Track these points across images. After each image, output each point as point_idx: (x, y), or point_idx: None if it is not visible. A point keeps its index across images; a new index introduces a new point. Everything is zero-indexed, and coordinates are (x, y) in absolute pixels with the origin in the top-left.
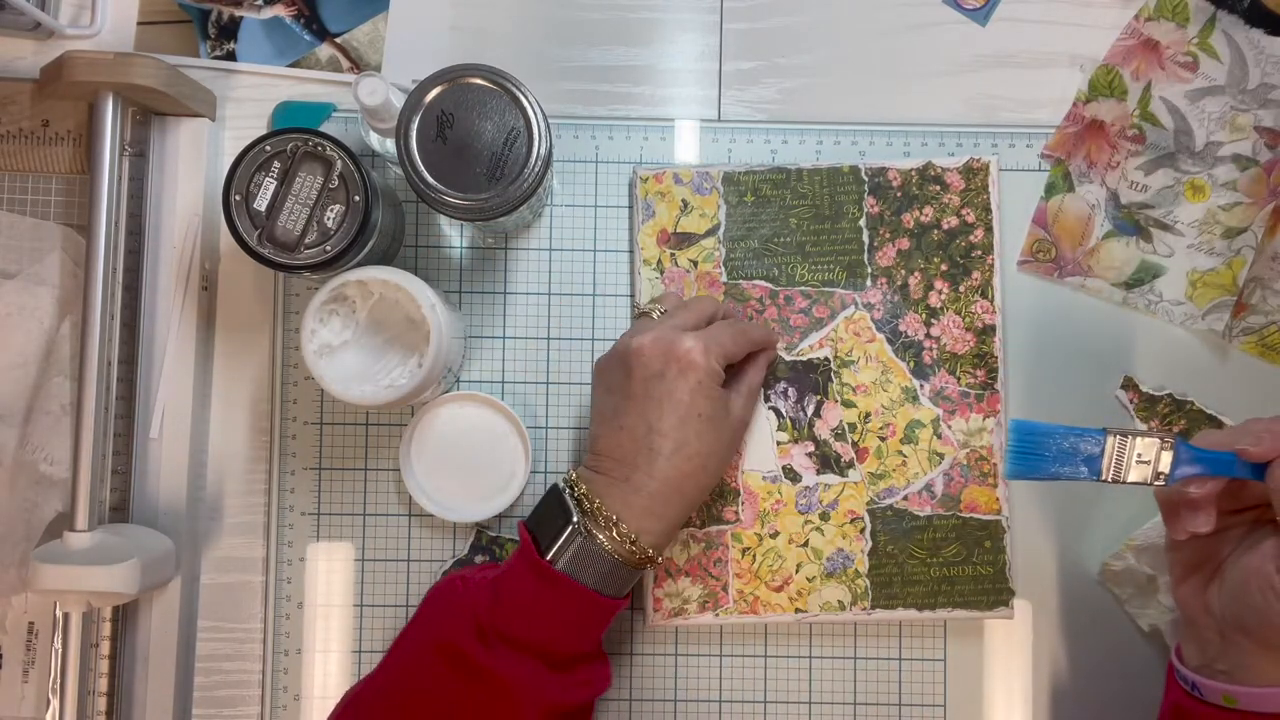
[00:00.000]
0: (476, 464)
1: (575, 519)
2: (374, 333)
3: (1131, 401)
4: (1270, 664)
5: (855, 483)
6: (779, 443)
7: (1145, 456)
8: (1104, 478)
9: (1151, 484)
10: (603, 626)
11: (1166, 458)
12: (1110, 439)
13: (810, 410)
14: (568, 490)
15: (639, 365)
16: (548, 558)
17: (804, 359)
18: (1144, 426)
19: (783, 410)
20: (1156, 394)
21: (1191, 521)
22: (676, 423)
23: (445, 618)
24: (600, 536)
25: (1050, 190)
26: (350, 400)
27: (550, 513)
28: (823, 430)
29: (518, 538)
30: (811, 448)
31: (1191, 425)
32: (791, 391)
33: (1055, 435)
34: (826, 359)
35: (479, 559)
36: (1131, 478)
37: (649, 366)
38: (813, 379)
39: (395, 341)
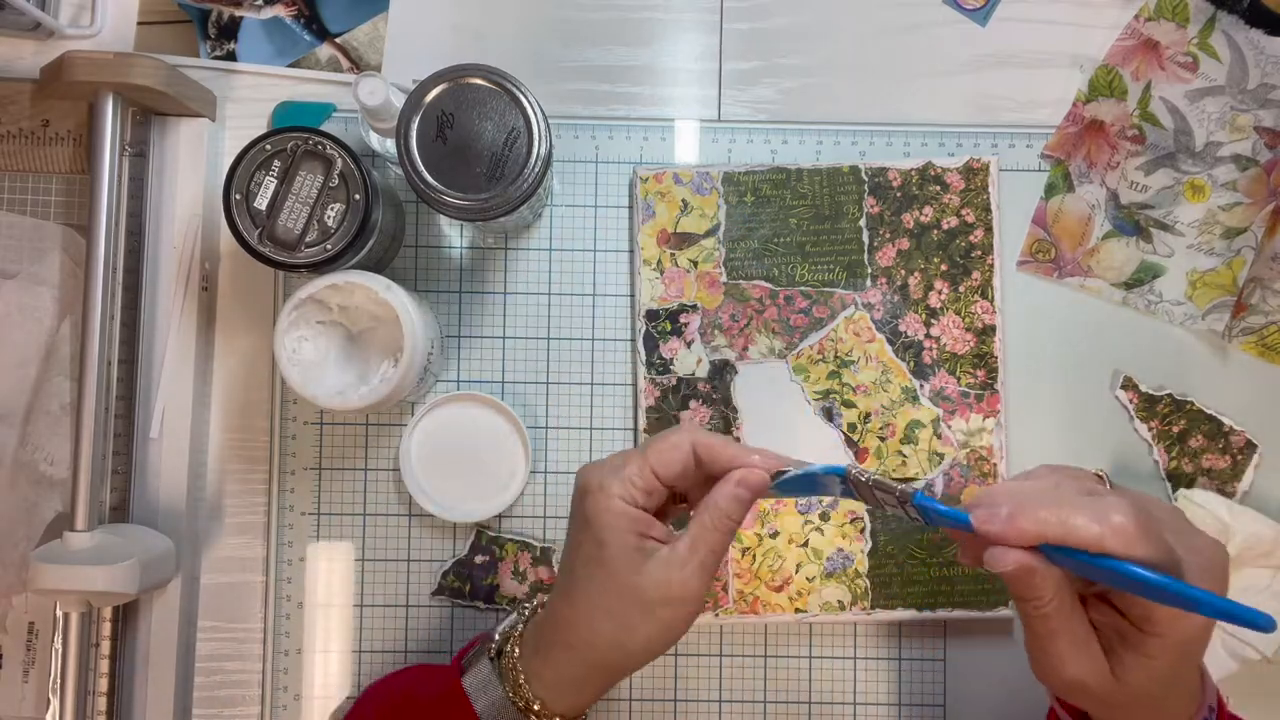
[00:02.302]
0: (476, 464)
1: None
2: (348, 336)
3: (1131, 402)
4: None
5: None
6: None
7: (889, 502)
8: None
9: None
10: None
11: (910, 508)
12: (853, 482)
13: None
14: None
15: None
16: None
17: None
18: (890, 480)
19: None
20: (1156, 394)
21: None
22: (564, 559)
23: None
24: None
25: (1050, 190)
26: (333, 407)
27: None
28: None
29: (517, 539)
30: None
31: (1191, 425)
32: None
33: (802, 476)
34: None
35: (479, 559)
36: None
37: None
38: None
39: (373, 344)
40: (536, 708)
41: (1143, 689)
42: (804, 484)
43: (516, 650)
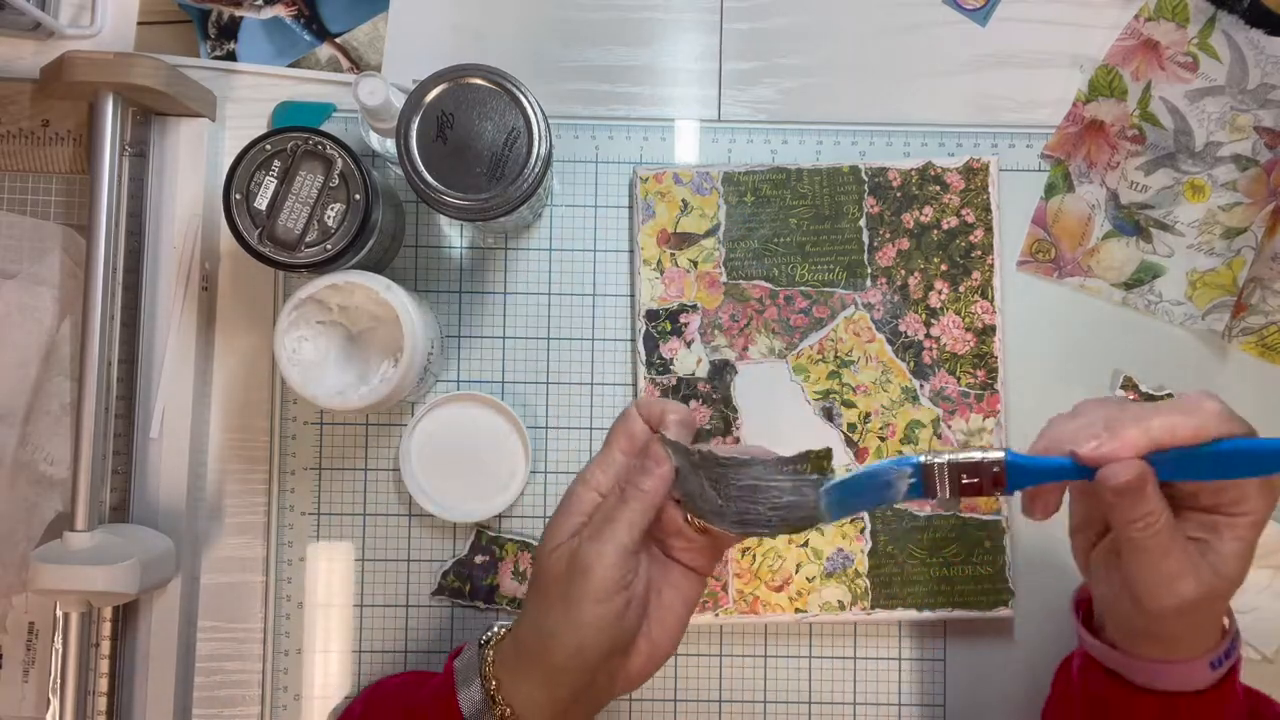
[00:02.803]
0: (476, 464)
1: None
2: (348, 336)
3: (1132, 401)
4: (1137, 641)
5: None
6: None
7: (972, 478)
8: (934, 500)
9: (996, 495)
10: None
11: (996, 472)
12: (928, 469)
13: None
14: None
15: None
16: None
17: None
18: (967, 455)
19: None
20: (1156, 394)
21: (1029, 511)
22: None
23: None
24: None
25: (1050, 190)
26: (333, 407)
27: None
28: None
29: (517, 539)
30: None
31: None
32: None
33: (863, 478)
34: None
35: (479, 559)
36: (963, 496)
37: None
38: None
39: (373, 344)
40: (492, 687)
41: (1236, 576)
42: (862, 490)
43: (491, 655)
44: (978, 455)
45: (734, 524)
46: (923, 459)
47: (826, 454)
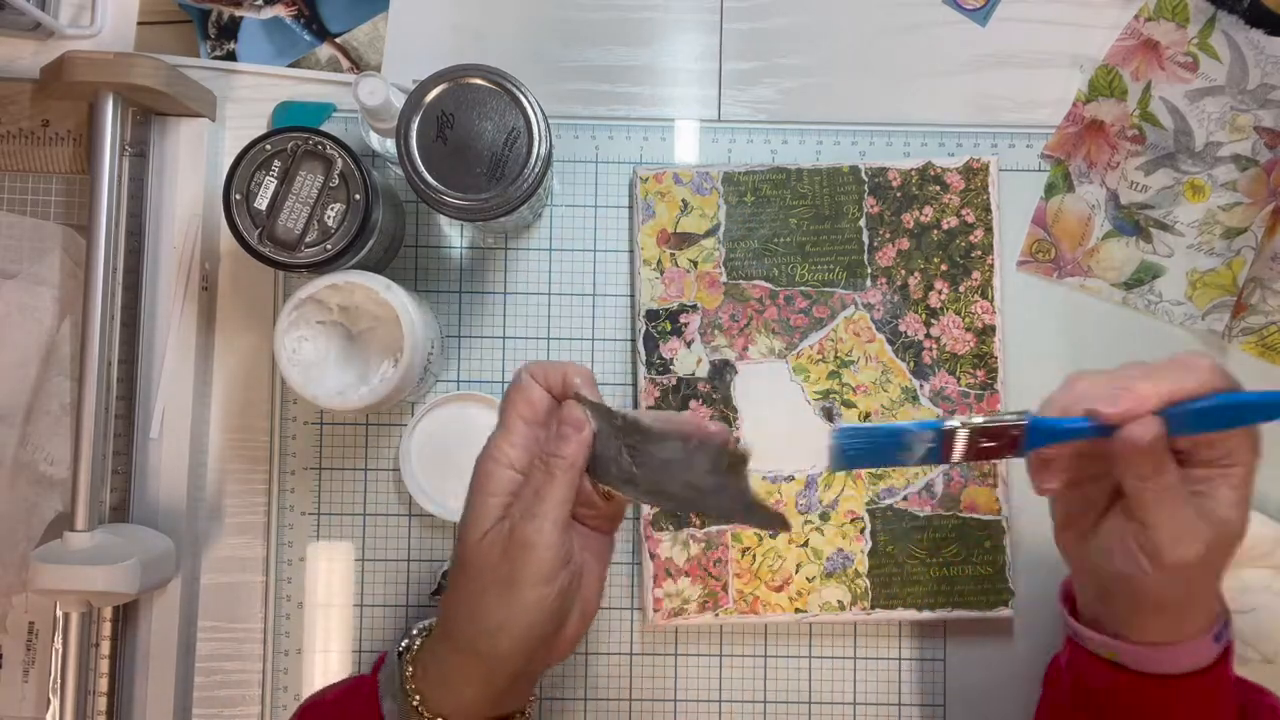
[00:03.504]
0: None
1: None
2: (348, 336)
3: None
4: (1145, 621)
5: (853, 497)
6: None
7: (991, 441)
8: (951, 462)
9: (1008, 458)
10: None
11: (1014, 435)
12: (948, 433)
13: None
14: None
15: None
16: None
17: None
18: (993, 419)
19: None
20: None
21: (1041, 479)
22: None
23: None
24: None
25: (1050, 190)
26: (333, 407)
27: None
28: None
29: None
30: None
31: None
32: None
33: (882, 434)
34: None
35: None
36: (975, 460)
37: None
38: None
39: (373, 344)
40: (415, 702)
41: (1239, 524)
42: (879, 448)
43: (411, 669)
44: (1003, 419)
45: (645, 494)
46: (945, 424)
47: (742, 458)
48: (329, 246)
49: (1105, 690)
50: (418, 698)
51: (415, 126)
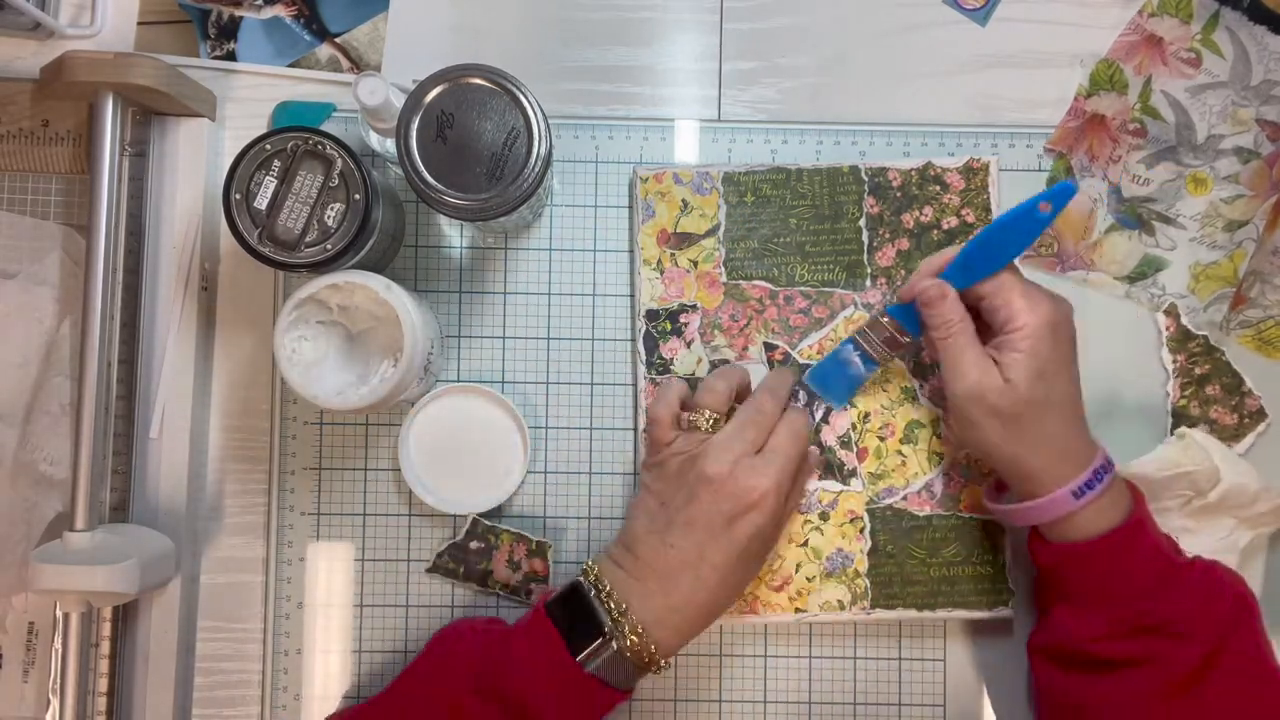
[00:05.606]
0: (475, 456)
1: (608, 628)
2: (348, 336)
3: (1168, 329)
4: (1014, 484)
5: (856, 492)
6: None
7: (882, 334)
8: (880, 364)
9: (911, 340)
10: (604, 714)
11: (888, 322)
12: (858, 340)
13: (819, 415)
14: (593, 591)
15: (708, 497)
16: (579, 658)
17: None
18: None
19: None
20: (1194, 331)
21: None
22: (730, 559)
23: (449, 672)
24: (627, 643)
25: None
26: (333, 407)
27: (580, 614)
28: (828, 436)
29: (512, 530)
30: (816, 453)
31: (1214, 373)
32: (802, 395)
33: (828, 365)
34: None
35: (474, 545)
36: (893, 351)
37: (718, 504)
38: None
39: (373, 344)
40: (640, 630)
41: (1028, 388)
42: (832, 372)
43: (607, 585)
44: (875, 317)
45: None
46: (853, 337)
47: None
48: (329, 246)
49: (1039, 567)
50: (624, 605)
51: (415, 126)
